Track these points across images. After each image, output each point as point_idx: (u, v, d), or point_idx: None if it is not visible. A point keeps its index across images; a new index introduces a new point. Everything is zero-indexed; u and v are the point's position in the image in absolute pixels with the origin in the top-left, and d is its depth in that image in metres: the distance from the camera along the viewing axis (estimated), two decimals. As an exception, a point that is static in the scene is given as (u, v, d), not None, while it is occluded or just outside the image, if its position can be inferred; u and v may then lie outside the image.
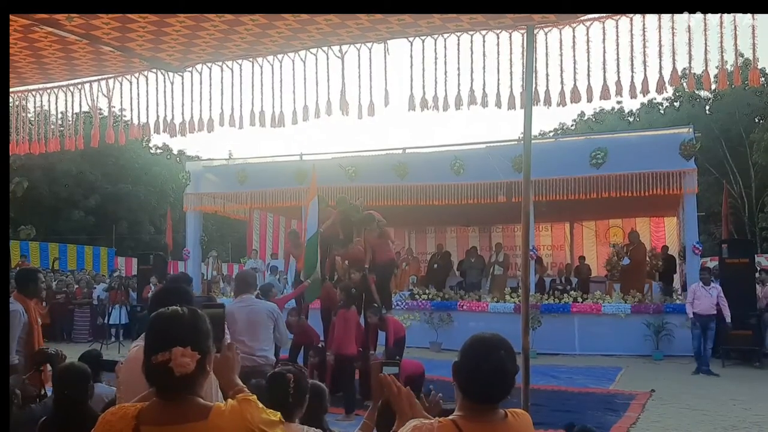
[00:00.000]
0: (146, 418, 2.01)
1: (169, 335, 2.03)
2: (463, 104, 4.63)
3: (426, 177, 16.19)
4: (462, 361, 2.30)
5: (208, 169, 19.15)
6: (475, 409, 2.24)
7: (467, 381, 2.27)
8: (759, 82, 4.39)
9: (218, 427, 1.99)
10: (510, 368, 2.25)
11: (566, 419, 7.87)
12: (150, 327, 2.11)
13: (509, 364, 2.26)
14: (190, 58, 4.89)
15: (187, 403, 2.02)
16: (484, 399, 2.25)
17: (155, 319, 2.12)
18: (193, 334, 2.06)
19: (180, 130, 5.34)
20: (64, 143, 5.93)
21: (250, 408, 2.06)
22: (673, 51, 4.24)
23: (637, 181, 14.56)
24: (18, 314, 5.36)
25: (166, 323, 2.08)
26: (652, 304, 14.52)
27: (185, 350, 1.98)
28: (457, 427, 2.21)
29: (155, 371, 2.00)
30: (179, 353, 1.98)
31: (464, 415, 2.25)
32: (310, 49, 4.70)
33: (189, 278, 5.42)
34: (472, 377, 2.25)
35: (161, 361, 1.98)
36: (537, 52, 4.39)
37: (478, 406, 2.25)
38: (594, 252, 22.13)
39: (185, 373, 1.98)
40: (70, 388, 3.81)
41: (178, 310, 2.12)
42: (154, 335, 2.08)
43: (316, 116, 4.90)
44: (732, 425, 8.06)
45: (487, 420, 2.23)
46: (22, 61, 4.78)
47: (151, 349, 2.02)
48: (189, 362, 1.98)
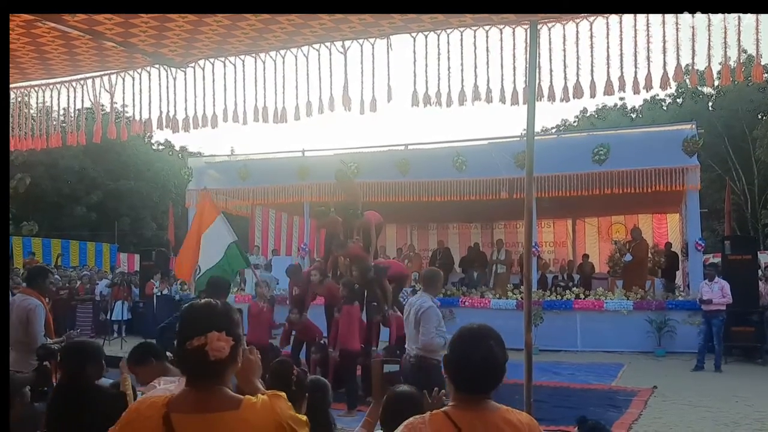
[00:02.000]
0: (176, 407, 2.02)
1: (205, 321, 2.06)
2: (466, 100, 4.62)
3: (428, 173, 16.18)
4: (452, 353, 2.33)
5: (210, 166, 19.16)
6: (467, 399, 2.27)
7: (457, 372, 2.30)
8: (762, 78, 4.36)
9: (249, 419, 2.00)
10: (499, 357, 2.29)
11: (568, 415, 7.88)
12: (184, 316, 2.15)
13: (498, 354, 2.29)
14: (192, 54, 4.88)
15: (218, 392, 2.04)
16: (475, 389, 2.28)
17: (189, 308, 2.17)
18: (227, 320, 2.09)
19: (183, 126, 5.34)
20: (66, 139, 5.93)
21: (281, 403, 2.08)
22: (677, 47, 4.23)
23: (639, 177, 14.55)
24: (41, 309, 5.77)
25: (201, 311, 2.12)
26: (654, 300, 14.51)
27: (220, 335, 2.02)
28: (449, 417, 2.23)
29: (190, 356, 2.03)
30: (215, 337, 2.01)
31: (456, 406, 2.28)
32: (313, 44, 4.69)
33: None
34: (462, 368, 2.28)
35: (197, 346, 2.00)
36: (540, 48, 4.38)
37: (469, 397, 2.27)
38: (596, 249, 22.11)
39: (220, 358, 2.01)
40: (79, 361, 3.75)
41: (210, 301, 2.17)
42: (189, 322, 2.10)
43: (318, 112, 4.89)
44: (734, 422, 8.06)
45: (479, 409, 2.25)
46: (24, 56, 4.77)
47: (186, 336, 2.04)
48: (224, 346, 2.01)
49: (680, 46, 4.22)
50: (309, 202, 17.46)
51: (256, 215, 21.06)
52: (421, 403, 2.91)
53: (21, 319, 5.81)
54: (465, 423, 2.21)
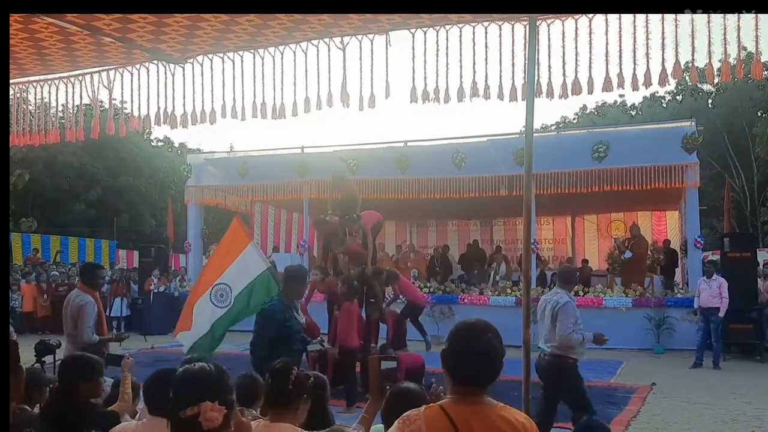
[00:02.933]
0: None
1: (198, 390, 2.09)
2: (465, 96, 4.60)
3: (427, 170, 16.18)
4: (450, 347, 2.33)
5: (209, 162, 19.15)
6: (464, 393, 2.27)
7: (456, 366, 2.30)
8: (762, 75, 4.35)
9: None
10: (498, 350, 2.29)
11: (567, 412, 7.88)
12: (178, 382, 2.17)
13: (497, 347, 2.30)
14: (191, 50, 4.86)
15: None
16: (474, 382, 2.28)
17: (183, 375, 2.19)
18: (220, 388, 2.14)
19: (181, 122, 5.32)
20: (65, 135, 5.92)
21: None
22: (676, 43, 4.21)
23: (639, 174, 14.55)
24: (91, 305, 6.22)
25: (194, 379, 2.15)
26: (653, 297, 14.53)
27: (213, 405, 2.05)
28: (444, 411, 2.23)
29: (183, 425, 2.06)
30: (208, 408, 2.05)
31: (452, 400, 2.28)
32: (312, 40, 4.68)
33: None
34: (461, 362, 2.28)
35: (190, 415, 2.04)
36: (539, 44, 4.37)
37: (467, 390, 2.27)
38: (595, 246, 22.13)
39: (212, 427, 2.04)
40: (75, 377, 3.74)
41: (205, 366, 2.19)
42: (183, 390, 2.13)
43: (317, 108, 4.88)
44: (732, 419, 8.07)
45: (476, 404, 2.25)
46: (22, 52, 4.76)
47: (180, 404, 2.07)
48: (217, 416, 2.05)
49: (680, 43, 4.21)
50: (308, 199, 17.47)
51: (256, 212, 21.06)
52: (424, 400, 2.90)
53: (73, 315, 6.33)
54: (460, 417, 2.21)
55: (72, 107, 5.73)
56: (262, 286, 6.77)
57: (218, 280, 6.78)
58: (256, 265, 6.75)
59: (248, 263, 6.80)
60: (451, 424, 2.19)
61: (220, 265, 6.92)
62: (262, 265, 6.75)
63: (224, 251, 7.04)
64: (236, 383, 4.27)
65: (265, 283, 6.76)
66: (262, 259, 6.93)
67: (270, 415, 3.08)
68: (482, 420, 2.21)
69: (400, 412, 2.79)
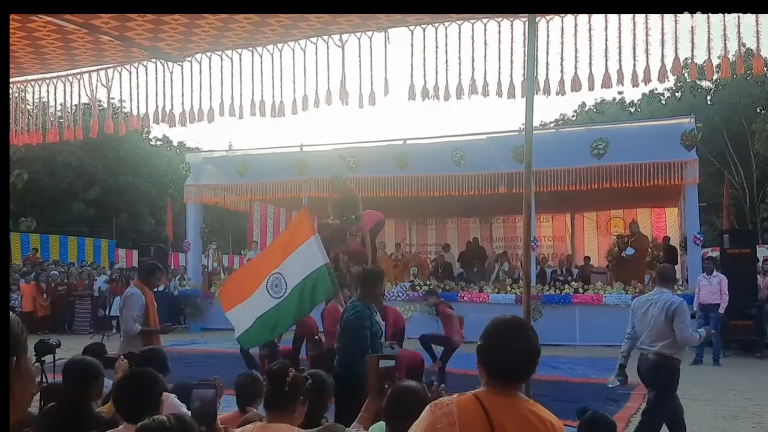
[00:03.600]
0: None
1: None
2: (464, 93, 4.60)
3: (426, 168, 16.16)
4: (489, 341, 2.35)
5: (208, 161, 19.13)
6: (500, 386, 2.29)
7: (495, 359, 2.32)
8: (763, 70, 4.34)
9: None
10: (537, 347, 2.35)
11: (567, 409, 7.87)
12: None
13: (536, 343, 2.35)
14: (189, 48, 4.86)
15: None
16: (513, 377, 2.33)
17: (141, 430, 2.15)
18: None
19: (180, 121, 5.31)
20: (63, 134, 5.91)
21: None
22: (676, 40, 4.21)
23: (638, 171, 14.54)
24: (137, 296, 6.65)
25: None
26: (652, 294, 14.50)
27: None
28: (479, 400, 2.25)
29: None
30: None
31: (486, 390, 2.30)
32: (310, 38, 4.67)
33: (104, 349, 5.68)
34: (501, 357, 2.31)
35: None
36: (538, 41, 4.36)
37: (502, 384, 2.30)
38: (595, 243, 22.11)
39: None
40: (77, 381, 3.73)
41: (165, 423, 2.15)
42: None
43: (315, 106, 4.87)
44: (732, 415, 8.07)
45: (509, 396, 2.28)
46: (20, 51, 4.75)
47: None
48: None
49: (679, 39, 4.20)
50: (307, 197, 17.44)
51: (255, 210, 21.05)
52: (426, 398, 2.90)
53: (121, 307, 6.88)
54: (493, 407, 2.22)
55: (70, 106, 5.72)
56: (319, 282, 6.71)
57: (276, 269, 6.76)
58: (315, 260, 6.70)
59: (307, 256, 6.75)
60: (484, 412, 2.20)
61: (280, 254, 6.88)
62: (320, 260, 6.70)
63: (286, 240, 7.00)
64: (237, 382, 4.27)
65: (323, 280, 6.70)
66: (322, 254, 6.87)
67: (268, 415, 3.07)
68: (514, 412, 2.23)
69: (401, 411, 2.78)
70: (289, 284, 6.68)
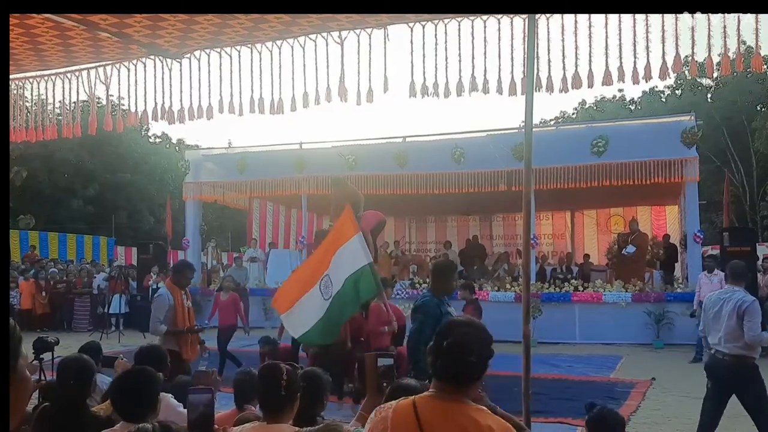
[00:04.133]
0: None
1: None
2: (464, 91, 4.58)
3: (426, 165, 16.14)
4: (434, 339, 2.30)
5: (207, 158, 19.11)
6: (443, 389, 2.22)
7: (431, 361, 2.27)
8: (762, 68, 4.34)
9: None
10: (471, 346, 2.22)
11: (567, 407, 7.89)
12: None
13: (473, 342, 2.23)
14: (188, 45, 4.84)
15: None
16: (447, 378, 2.22)
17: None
18: None
19: (179, 118, 5.30)
20: (62, 131, 5.89)
21: None
22: (676, 37, 4.19)
23: (638, 169, 14.52)
24: (163, 298, 6.79)
25: None
26: (652, 292, 14.52)
27: None
28: (414, 406, 2.20)
29: None
30: None
31: (430, 395, 2.24)
32: (310, 35, 4.65)
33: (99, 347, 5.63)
34: (436, 353, 2.25)
35: None
36: (538, 38, 4.34)
37: (444, 387, 2.23)
38: (595, 241, 22.11)
39: None
40: (72, 380, 3.72)
41: (149, 430, 2.14)
42: None
43: (315, 103, 4.85)
44: (733, 413, 8.01)
45: (449, 401, 2.20)
46: (19, 47, 4.73)
47: None
48: None
49: (679, 37, 4.19)
50: (307, 195, 17.43)
51: (254, 208, 21.04)
52: None
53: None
54: (427, 413, 2.17)
55: (69, 103, 5.70)
56: (362, 281, 6.68)
57: (326, 271, 6.77)
58: (358, 259, 6.67)
59: (350, 255, 6.72)
60: (416, 418, 2.16)
61: (327, 252, 6.86)
62: (363, 259, 6.67)
63: (331, 240, 6.98)
64: (235, 380, 4.26)
65: (366, 279, 6.67)
66: (365, 253, 6.82)
67: (265, 416, 3.05)
68: (450, 420, 2.15)
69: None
70: (335, 285, 6.69)
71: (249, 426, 3.06)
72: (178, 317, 6.76)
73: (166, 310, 6.72)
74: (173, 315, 6.74)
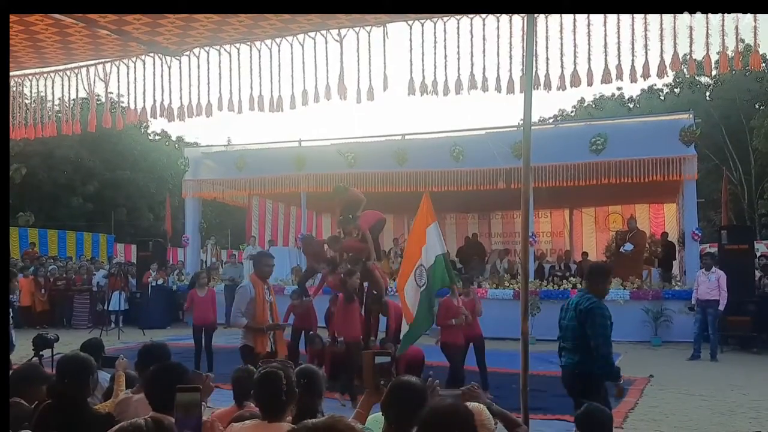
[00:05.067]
0: None
1: None
2: (463, 89, 4.58)
3: (425, 163, 16.16)
4: None
5: (206, 156, 19.12)
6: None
7: None
8: (760, 66, 4.35)
9: None
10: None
11: (564, 404, 7.89)
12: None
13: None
14: (187, 42, 4.84)
15: None
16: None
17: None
18: None
19: (178, 115, 5.29)
20: (61, 128, 5.89)
21: None
22: (674, 35, 4.20)
23: (636, 167, 14.56)
24: (244, 289, 6.78)
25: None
26: (650, 290, 14.54)
27: None
28: None
29: None
30: None
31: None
32: (309, 32, 4.65)
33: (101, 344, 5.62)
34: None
35: None
36: (537, 36, 4.34)
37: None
38: (593, 238, 22.14)
39: None
40: (71, 378, 3.72)
41: (142, 427, 2.18)
42: None
43: (314, 101, 4.85)
44: (730, 410, 8.09)
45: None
46: (18, 44, 4.73)
47: None
48: None
49: (678, 35, 4.19)
50: (306, 192, 17.44)
51: (253, 205, 21.04)
52: (425, 393, 2.90)
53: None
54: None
55: (68, 100, 5.70)
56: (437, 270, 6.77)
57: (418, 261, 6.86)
58: (435, 249, 6.73)
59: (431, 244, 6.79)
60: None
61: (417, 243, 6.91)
62: (438, 248, 6.73)
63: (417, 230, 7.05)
64: (234, 377, 4.28)
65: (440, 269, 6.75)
66: (440, 243, 6.90)
67: (264, 415, 3.06)
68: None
69: (400, 405, 2.79)
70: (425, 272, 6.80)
71: (249, 423, 3.08)
72: (257, 311, 6.70)
73: (247, 302, 6.69)
74: (253, 308, 6.70)
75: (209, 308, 10.69)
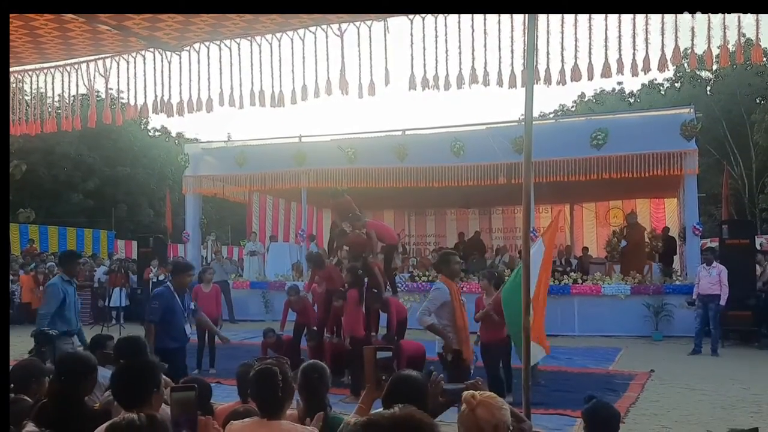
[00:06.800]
0: None
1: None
2: (464, 83, 4.57)
3: (426, 159, 16.14)
4: None
5: (206, 152, 19.09)
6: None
7: None
8: (761, 59, 4.33)
9: None
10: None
11: (566, 399, 7.92)
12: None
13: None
14: (187, 37, 4.82)
15: None
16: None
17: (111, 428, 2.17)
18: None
19: (178, 111, 5.28)
20: (61, 124, 5.88)
21: None
22: (675, 29, 4.18)
23: (637, 161, 14.54)
24: (443, 293, 6.58)
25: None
26: (651, 285, 14.55)
27: None
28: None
29: None
30: None
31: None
32: (309, 27, 4.64)
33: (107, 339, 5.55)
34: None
35: None
36: (538, 30, 4.33)
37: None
38: (594, 234, 22.14)
39: None
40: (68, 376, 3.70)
41: (135, 421, 2.15)
42: None
43: (315, 96, 4.84)
44: (731, 404, 8.09)
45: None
46: (18, 40, 4.72)
47: None
48: None
49: (678, 29, 4.18)
50: (306, 188, 17.43)
51: (254, 201, 21.04)
52: (426, 388, 2.90)
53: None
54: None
55: (68, 96, 5.68)
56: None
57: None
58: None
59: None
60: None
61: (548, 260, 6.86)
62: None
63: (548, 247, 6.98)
64: (238, 372, 4.28)
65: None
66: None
67: (261, 412, 3.06)
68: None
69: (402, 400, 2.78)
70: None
71: (249, 421, 3.08)
72: (456, 315, 6.55)
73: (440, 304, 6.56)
74: (451, 313, 6.55)
75: (213, 304, 10.71)
